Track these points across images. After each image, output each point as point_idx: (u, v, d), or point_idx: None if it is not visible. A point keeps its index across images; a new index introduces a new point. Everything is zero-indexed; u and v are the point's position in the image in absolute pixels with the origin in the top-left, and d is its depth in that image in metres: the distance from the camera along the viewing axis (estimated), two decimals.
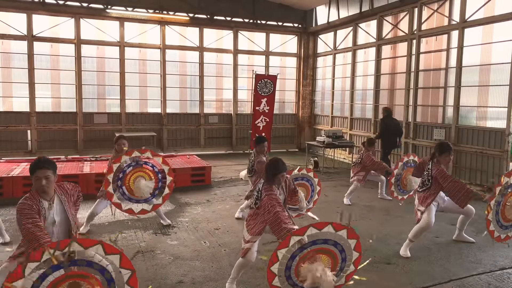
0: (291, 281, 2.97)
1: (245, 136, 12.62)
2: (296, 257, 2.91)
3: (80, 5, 10.85)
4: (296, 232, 2.91)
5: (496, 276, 4.20)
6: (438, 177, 4.61)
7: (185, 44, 12.31)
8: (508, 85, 7.29)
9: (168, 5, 11.64)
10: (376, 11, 10.56)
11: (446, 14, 8.76)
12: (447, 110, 8.87)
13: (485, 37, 7.97)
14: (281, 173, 3.69)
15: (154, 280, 3.97)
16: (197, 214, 6.28)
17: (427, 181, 4.73)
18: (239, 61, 12.96)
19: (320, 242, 2.94)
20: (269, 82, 9.92)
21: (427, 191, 4.73)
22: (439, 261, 4.57)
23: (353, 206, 6.89)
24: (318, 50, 13.66)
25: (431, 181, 4.69)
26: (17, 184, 6.69)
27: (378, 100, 10.83)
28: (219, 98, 13.17)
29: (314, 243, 2.92)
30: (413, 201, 7.17)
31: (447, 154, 4.68)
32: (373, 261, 4.53)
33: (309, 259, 2.92)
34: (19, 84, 10.71)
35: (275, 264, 2.88)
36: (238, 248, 4.83)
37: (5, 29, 10.41)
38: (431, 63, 9.27)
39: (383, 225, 5.85)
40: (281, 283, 2.95)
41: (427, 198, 4.71)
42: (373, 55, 10.96)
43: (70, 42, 11.01)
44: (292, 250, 2.88)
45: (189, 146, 12.33)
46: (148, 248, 4.80)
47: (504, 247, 5.03)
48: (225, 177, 9.07)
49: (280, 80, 12.47)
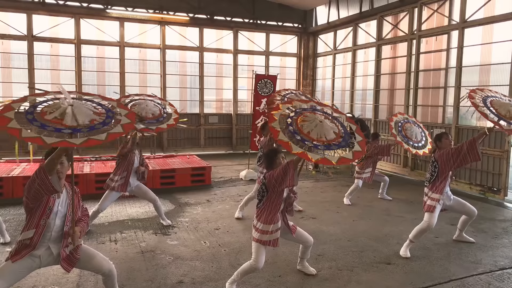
0: (297, 137, 3.20)
1: (245, 136, 12.61)
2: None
3: (80, 5, 10.86)
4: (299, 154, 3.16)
5: (496, 276, 4.20)
6: (443, 158, 4.66)
7: (185, 44, 12.32)
8: (508, 85, 7.29)
9: (168, 5, 11.65)
10: (376, 11, 10.56)
11: (446, 14, 8.76)
12: (447, 110, 8.88)
13: (485, 37, 7.97)
14: (279, 153, 3.77)
15: (154, 280, 3.96)
16: (197, 214, 6.28)
17: (433, 171, 4.78)
18: (239, 61, 12.97)
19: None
20: (269, 82, 9.91)
21: (437, 179, 4.76)
22: (439, 261, 4.57)
23: (353, 206, 6.89)
24: (318, 50, 13.66)
25: (437, 167, 4.74)
26: (17, 184, 6.68)
27: (378, 100, 10.83)
28: (219, 98, 13.18)
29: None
30: (413, 201, 7.21)
31: (445, 137, 4.84)
32: (373, 261, 4.54)
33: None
34: (19, 84, 10.71)
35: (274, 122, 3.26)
36: (238, 248, 4.84)
37: (5, 29, 10.41)
38: (431, 63, 9.27)
39: (383, 225, 5.85)
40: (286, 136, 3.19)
41: (439, 185, 4.73)
42: (373, 55, 10.96)
43: (70, 42, 11.02)
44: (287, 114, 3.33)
45: (189, 146, 12.33)
46: (148, 248, 4.79)
47: (504, 247, 5.04)
48: (225, 177, 9.07)
49: (280, 80, 12.47)
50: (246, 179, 8.83)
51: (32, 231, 2.95)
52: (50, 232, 3.01)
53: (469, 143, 4.52)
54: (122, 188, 5.23)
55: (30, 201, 2.93)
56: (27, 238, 2.96)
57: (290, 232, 3.85)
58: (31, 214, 2.97)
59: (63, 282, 3.87)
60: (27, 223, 2.98)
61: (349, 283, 4.00)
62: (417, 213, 6.41)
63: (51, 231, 3.02)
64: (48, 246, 3.03)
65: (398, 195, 7.63)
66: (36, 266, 3.06)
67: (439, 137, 4.92)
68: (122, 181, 5.22)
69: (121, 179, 5.22)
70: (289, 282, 3.98)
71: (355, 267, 4.36)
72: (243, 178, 8.89)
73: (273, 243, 3.60)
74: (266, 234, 3.58)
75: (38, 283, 3.80)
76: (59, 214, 3.04)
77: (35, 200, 2.92)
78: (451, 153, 4.60)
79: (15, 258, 2.93)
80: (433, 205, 4.70)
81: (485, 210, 6.63)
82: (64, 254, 3.05)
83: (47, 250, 3.03)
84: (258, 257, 3.60)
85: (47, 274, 3.99)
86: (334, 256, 4.66)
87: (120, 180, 5.21)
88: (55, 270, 4.02)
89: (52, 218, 3.00)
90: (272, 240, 3.59)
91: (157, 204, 5.61)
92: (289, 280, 4.03)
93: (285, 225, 3.80)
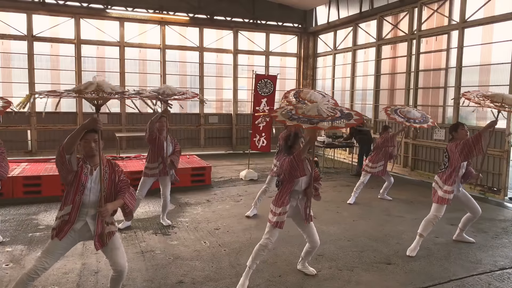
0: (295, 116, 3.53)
1: (245, 136, 12.61)
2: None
3: (80, 5, 10.86)
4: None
5: (496, 276, 4.20)
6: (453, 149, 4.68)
7: (185, 44, 12.31)
8: (508, 85, 7.29)
9: (168, 5, 11.65)
10: (376, 11, 10.56)
11: (446, 14, 8.76)
12: (447, 110, 8.87)
13: (485, 37, 7.97)
14: (299, 138, 3.86)
15: (154, 280, 3.96)
16: (197, 214, 6.28)
17: (445, 161, 4.81)
18: (239, 61, 12.97)
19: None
20: (269, 82, 9.90)
21: (448, 168, 4.78)
22: (439, 261, 4.57)
23: (353, 206, 6.89)
24: (318, 50, 13.66)
25: (448, 157, 4.77)
26: (17, 184, 6.69)
27: (378, 100, 10.83)
28: (219, 98, 13.17)
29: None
30: (413, 201, 7.21)
31: (461, 128, 4.80)
32: (373, 261, 4.54)
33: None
34: (19, 84, 10.70)
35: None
36: (238, 248, 4.84)
37: (5, 29, 10.41)
38: (431, 63, 9.27)
39: (383, 225, 5.84)
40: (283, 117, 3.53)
41: (450, 176, 4.74)
42: (373, 55, 10.96)
43: (70, 42, 11.01)
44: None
45: (189, 146, 12.32)
46: (148, 248, 4.79)
47: (504, 247, 5.04)
48: (225, 177, 9.06)
49: (280, 80, 12.46)
50: (246, 179, 8.83)
51: (70, 207, 3.09)
52: (86, 208, 3.12)
53: (474, 137, 4.54)
54: (160, 174, 5.42)
55: (61, 175, 3.06)
56: (67, 213, 3.09)
57: (304, 219, 3.89)
58: (68, 190, 3.10)
59: (63, 282, 3.87)
60: (65, 199, 3.11)
61: (349, 283, 4.00)
62: (417, 213, 6.42)
63: (87, 207, 3.12)
64: (85, 222, 3.15)
65: (398, 195, 7.62)
66: (76, 241, 3.20)
67: (455, 128, 4.87)
68: (161, 167, 5.41)
69: (159, 165, 5.40)
70: (289, 282, 3.98)
71: (355, 267, 4.36)
72: (243, 178, 8.89)
73: (280, 224, 3.77)
74: (274, 216, 3.78)
75: (38, 283, 3.80)
76: (93, 190, 3.13)
77: (65, 174, 3.04)
78: (460, 146, 4.62)
79: (61, 235, 3.07)
80: (446, 197, 4.73)
81: (485, 210, 6.59)
82: (98, 230, 3.13)
83: (85, 225, 3.14)
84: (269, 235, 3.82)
85: (47, 274, 3.98)
86: (334, 256, 4.66)
87: (159, 167, 5.40)
88: (55, 270, 4.03)
89: (86, 194, 3.10)
90: (279, 222, 3.77)
91: (166, 202, 5.65)
92: (289, 280, 4.03)
93: (303, 210, 3.89)
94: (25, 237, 5.08)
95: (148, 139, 5.41)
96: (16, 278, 3.87)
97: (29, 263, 4.23)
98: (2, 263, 4.27)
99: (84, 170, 3.10)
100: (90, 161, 3.14)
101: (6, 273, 4.02)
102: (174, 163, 5.48)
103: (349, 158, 11.16)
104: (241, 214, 6.25)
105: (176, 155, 5.57)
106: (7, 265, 4.20)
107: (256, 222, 5.85)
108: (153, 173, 5.43)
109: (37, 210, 6.28)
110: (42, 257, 3.08)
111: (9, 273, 4.03)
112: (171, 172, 5.53)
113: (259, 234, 5.35)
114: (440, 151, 8.83)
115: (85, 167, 3.11)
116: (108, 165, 3.22)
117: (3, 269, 4.12)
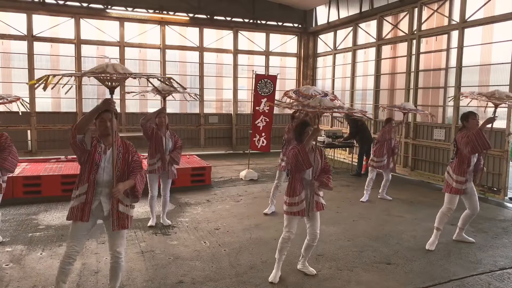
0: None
1: (245, 136, 12.60)
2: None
3: (80, 5, 10.86)
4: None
5: (496, 276, 4.20)
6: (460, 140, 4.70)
7: (185, 44, 12.31)
8: (508, 85, 7.29)
9: (168, 5, 11.65)
10: (376, 11, 10.56)
11: (446, 14, 8.76)
12: (447, 110, 8.87)
13: (485, 37, 7.97)
14: (308, 126, 3.93)
15: (154, 280, 3.96)
16: (197, 214, 6.28)
17: (455, 152, 4.83)
18: (239, 61, 12.97)
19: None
20: (269, 82, 9.90)
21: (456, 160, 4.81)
22: (439, 261, 4.57)
23: (353, 206, 6.89)
24: (318, 50, 13.66)
25: (456, 147, 4.80)
26: (17, 184, 6.68)
27: (378, 100, 10.83)
28: (219, 98, 13.18)
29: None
30: (413, 201, 7.21)
31: (472, 117, 4.76)
32: (373, 261, 4.54)
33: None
34: (19, 84, 10.70)
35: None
36: (238, 248, 4.84)
37: (5, 29, 10.41)
38: (431, 63, 9.27)
39: (383, 225, 5.84)
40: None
41: (461, 166, 4.75)
42: (373, 55, 10.96)
43: (70, 42, 11.01)
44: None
45: (189, 146, 12.30)
46: (148, 248, 4.79)
47: (504, 247, 5.04)
48: (225, 177, 9.06)
49: (280, 80, 12.45)
50: (246, 179, 8.83)
51: (86, 186, 3.16)
52: (100, 187, 3.19)
53: (476, 132, 4.54)
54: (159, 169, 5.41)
55: (76, 155, 3.18)
56: (83, 193, 3.15)
57: (315, 207, 3.98)
58: (83, 169, 3.18)
59: None
60: (80, 178, 3.19)
61: (349, 283, 4.00)
62: (417, 213, 6.42)
63: (101, 186, 3.19)
64: (99, 201, 3.20)
65: (398, 195, 7.62)
66: (95, 220, 3.28)
67: (466, 117, 4.81)
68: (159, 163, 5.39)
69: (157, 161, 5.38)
70: (289, 282, 3.98)
71: (355, 267, 4.36)
72: (243, 178, 8.89)
73: (301, 212, 3.90)
74: (294, 206, 3.89)
75: (38, 283, 3.80)
76: (106, 169, 3.20)
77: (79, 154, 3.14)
78: (464, 139, 4.62)
79: (85, 217, 3.14)
80: (460, 188, 4.77)
81: (485, 210, 6.62)
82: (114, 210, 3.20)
83: (99, 205, 3.21)
84: (289, 227, 3.94)
85: (47, 274, 3.99)
86: (334, 256, 4.66)
87: (158, 163, 5.39)
88: (54, 270, 4.02)
89: (100, 173, 3.18)
90: (300, 211, 3.89)
91: (166, 199, 5.65)
92: (289, 280, 4.03)
93: (310, 198, 3.96)
94: (25, 237, 5.08)
95: (144, 135, 5.45)
96: (16, 278, 3.89)
97: (29, 263, 4.24)
98: (2, 263, 4.27)
99: (98, 149, 3.18)
100: (105, 140, 3.23)
101: (6, 273, 4.01)
102: (175, 159, 5.47)
103: (349, 158, 11.16)
104: (241, 214, 6.26)
105: (177, 151, 5.56)
106: (7, 265, 4.20)
107: (256, 222, 5.86)
108: (152, 169, 5.41)
109: (37, 210, 6.28)
110: (70, 241, 3.19)
111: (9, 273, 4.03)
112: (172, 168, 5.51)
113: (259, 234, 5.37)
114: (440, 151, 8.83)
115: (99, 146, 3.19)
116: (123, 145, 3.30)
117: (3, 269, 4.12)
